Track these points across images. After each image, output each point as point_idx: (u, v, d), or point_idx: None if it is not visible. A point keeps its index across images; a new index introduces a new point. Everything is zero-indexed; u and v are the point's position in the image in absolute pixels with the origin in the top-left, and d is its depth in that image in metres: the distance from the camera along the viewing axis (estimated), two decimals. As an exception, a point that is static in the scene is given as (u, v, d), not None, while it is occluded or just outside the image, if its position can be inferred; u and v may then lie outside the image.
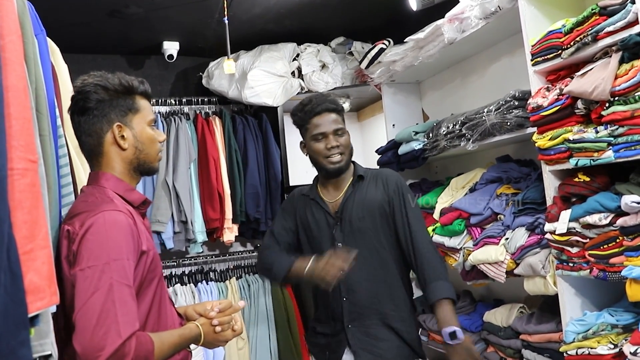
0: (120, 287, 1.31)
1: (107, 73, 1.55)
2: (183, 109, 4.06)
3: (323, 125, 2.20)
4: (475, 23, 2.68)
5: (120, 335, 1.26)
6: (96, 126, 1.50)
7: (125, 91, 1.54)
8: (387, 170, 2.36)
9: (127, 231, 1.39)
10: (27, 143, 1.08)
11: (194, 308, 1.71)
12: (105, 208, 1.39)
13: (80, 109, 1.50)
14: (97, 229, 1.34)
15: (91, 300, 1.28)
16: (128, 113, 1.53)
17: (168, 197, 3.66)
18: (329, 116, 2.21)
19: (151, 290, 1.48)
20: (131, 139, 1.53)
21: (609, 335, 2.03)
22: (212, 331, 1.55)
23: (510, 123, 2.48)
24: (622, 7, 1.88)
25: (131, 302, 1.33)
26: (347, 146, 2.23)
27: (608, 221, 1.95)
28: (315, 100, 2.23)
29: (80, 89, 1.50)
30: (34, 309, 1.02)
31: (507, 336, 2.58)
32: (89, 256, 1.32)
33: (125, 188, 1.53)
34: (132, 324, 1.30)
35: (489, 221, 2.66)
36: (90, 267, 1.30)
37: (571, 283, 2.25)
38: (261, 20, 3.66)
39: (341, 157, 2.21)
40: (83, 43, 3.80)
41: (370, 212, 2.20)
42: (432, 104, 3.73)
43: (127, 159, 1.53)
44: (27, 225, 1.04)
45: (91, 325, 1.25)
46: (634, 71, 1.84)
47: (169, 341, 1.42)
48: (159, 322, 1.49)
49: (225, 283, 3.92)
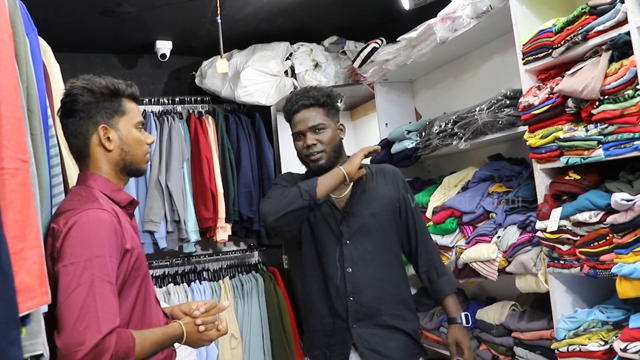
0: (102, 284, 1.33)
1: (95, 76, 1.58)
2: (176, 108, 4.06)
3: (300, 123, 2.12)
4: (467, 22, 2.69)
5: (100, 331, 1.28)
6: (82, 128, 1.53)
7: (111, 94, 1.56)
8: (390, 166, 2.29)
9: (110, 229, 1.41)
10: (18, 142, 1.08)
11: (179, 307, 1.72)
12: (89, 206, 1.42)
13: (68, 111, 1.54)
14: (80, 226, 1.37)
15: (72, 296, 1.30)
16: (114, 115, 1.56)
17: (161, 196, 3.66)
18: (306, 113, 2.11)
19: (135, 289, 1.49)
20: (117, 141, 1.56)
21: (599, 332, 2.05)
22: (195, 330, 1.56)
23: (501, 122, 2.49)
24: (611, 6, 1.90)
25: (112, 299, 1.35)
26: (328, 142, 2.10)
27: (598, 219, 1.97)
28: (295, 97, 2.15)
29: (68, 91, 1.54)
30: (25, 308, 1.02)
31: (499, 334, 2.59)
32: (71, 253, 1.34)
33: (112, 188, 1.56)
34: (112, 320, 1.32)
35: (481, 219, 2.68)
36: (72, 264, 1.33)
37: (562, 280, 2.26)
38: (254, 19, 3.66)
39: (320, 154, 2.09)
40: (75, 42, 3.79)
41: (382, 208, 2.14)
42: (425, 102, 3.74)
43: (113, 160, 1.56)
44: (18, 224, 1.04)
45: (72, 320, 1.27)
46: (623, 70, 1.85)
47: (151, 339, 1.44)
48: (142, 321, 1.51)
49: (218, 282, 3.92)
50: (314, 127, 2.10)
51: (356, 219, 2.12)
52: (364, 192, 2.16)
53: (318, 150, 2.09)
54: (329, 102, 2.14)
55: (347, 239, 2.11)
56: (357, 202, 2.14)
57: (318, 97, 2.12)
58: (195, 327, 1.57)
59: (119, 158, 1.57)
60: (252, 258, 4.33)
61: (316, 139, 2.09)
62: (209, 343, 1.63)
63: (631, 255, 1.84)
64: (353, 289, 2.08)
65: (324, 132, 2.10)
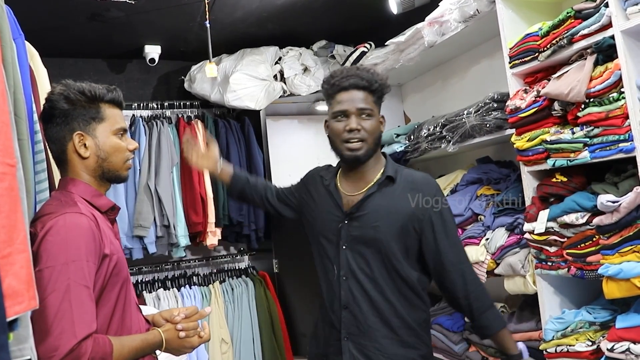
0: (78, 288, 1.31)
1: (75, 82, 1.55)
2: (165, 112, 4.04)
3: (346, 102, 1.85)
4: (454, 26, 2.71)
5: (75, 336, 1.26)
6: (59, 134, 1.51)
7: (88, 100, 1.53)
8: (424, 178, 1.94)
9: (87, 233, 1.39)
10: (5, 147, 1.07)
11: (160, 314, 1.69)
12: (66, 210, 1.40)
13: (47, 116, 1.52)
14: (56, 230, 1.35)
15: (47, 300, 1.27)
16: (91, 122, 1.53)
17: (150, 201, 3.64)
18: (356, 93, 1.85)
19: (114, 294, 1.47)
20: (93, 148, 1.53)
21: (587, 333, 2.07)
22: (176, 337, 1.53)
23: (489, 125, 2.51)
24: (596, 10, 1.92)
25: (89, 303, 1.33)
26: (371, 132, 1.85)
27: (585, 220, 1.99)
28: (346, 72, 1.89)
29: (49, 97, 1.52)
30: (13, 313, 1.01)
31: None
32: (47, 257, 1.32)
33: (92, 193, 1.54)
34: (88, 325, 1.30)
35: (470, 222, 2.69)
36: (47, 268, 1.30)
37: (550, 282, 2.28)
38: (243, 24, 3.67)
39: (361, 144, 1.85)
40: (64, 47, 3.78)
41: (391, 223, 1.83)
42: (414, 106, 3.76)
43: (89, 167, 1.54)
44: (5, 229, 1.03)
45: (47, 325, 1.25)
46: (607, 73, 1.88)
47: (130, 345, 1.41)
48: (122, 327, 1.48)
49: (208, 287, 3.90)
50: (362, 110, 1.85)
51: (357, 226, 1.87)
52: (377, 200, 1.87)
53: (360, 138, 1.85)
54: (380, 90, 1.89)
55: (344, 243, 1.88)
56: (366, 207, 1.87)
57: (372, 81, 1.87)
58: (176, 333, 1.54)
59: (95, 165, 1.54)
60: (242, 262, 4.31)
61: (361, 124, 1.84)
62: (191, 350, 1.59)
63: (617, 256, 1.86)
64: (347, 299, 1.86)
65: (370, 119, 1.86)
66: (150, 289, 3.79)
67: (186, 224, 3.77)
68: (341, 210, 1.91)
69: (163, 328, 1.54)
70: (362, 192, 1.90)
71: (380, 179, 1.89)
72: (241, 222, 3.89)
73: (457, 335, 2.84)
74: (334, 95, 1.89)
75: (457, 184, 2.93)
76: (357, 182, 1.93)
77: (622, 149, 1.84)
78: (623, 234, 1.85)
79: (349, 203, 1.91)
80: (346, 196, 1.93)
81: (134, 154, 1.65)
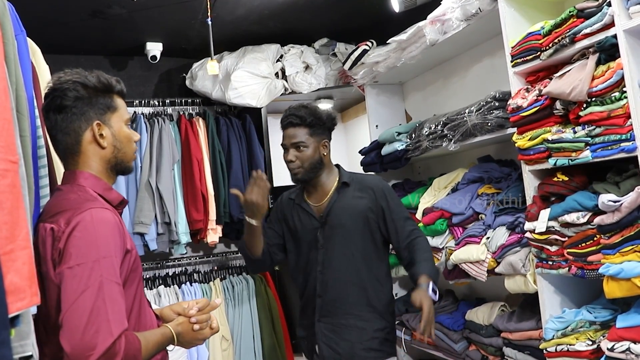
0: (110, 285, 1.31)
1: (84, 70, 1.52)
2: (166, 110, 4.05)
3: (285, 138, 2.33)
4: (456, 25, 2.71)
5: (112, 334, 1.25)
6: (74, 124, 1.47)
7: (104, 89, 1.51)
8: (372, 179, 2.42)
9: (114, 228, 1.38)
10: (7, 144, 1.08)
11: (170, 308, 1.70)
12: (91, 205, 1.38)
13: (57, 106, 1.47)
14: (84, 226, 1.33)
15: (81, 298, 1.26)
16: (107, 111, 1.51)
17: (151, 198, 3.65)
18: (291, 130, 2.30)
19: (133, 290, 1.47)
20: (110, 138, 1.51)
21: (587, 332, 2.07)
22: (190, 330, 1.53)
23: (490, 124, 2.51)
24: (598, 9, 1.92)
25: (120, 300, 1.33)
26: (305, 160, 2.29)
27: (586, 220, 1.99)
28: (287, 113, 2.33)
29: (57, 86, 1.47)
30: (15, 309, 1.01)
31: (488, 334, 2.61)
32: (77, 254, 1.30)
33: (103, 187, 1.51)
34: (122, 322, 1.30)
35: (471, 221, 2.69)
36: (79, 265, 1.29)
37: (550, 281, 2.28)
38: (245, 22, 3.66)
39: (298, 169, 2.30)
40: (65, 43, 3.78)
41: (352, 217, 2.29)
42: (415, 104, 3.76)
43: (105, 157, 1.52)
44: (8, 225, 1.03)
45: (82, 324, 1.24)
46: (610, 72, 1.87)
47: (153, 340, 1.42)
48: (139, 322, 1.48)
49: (209, 284, 3.91)
50: (295, 144, 2.29)
51: (330, 227, 2.30)
52: (339, 203, 2.32)
53: (296, 167, 2.30)
54: (315, 122, 2.30)
55: (321, 244, 2.31)
56: (332, 212, 2.31)
57: (305, 117, 2.29)
58: (189, 326, 1.54)
59: (111, 155, 1.52)
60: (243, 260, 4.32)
61: (295, 155, 2.29)
62: (202, 342, 1.61)
63: (618, 255, 1.86)
64: (321, 288, 2.29)
65: (303, 150, 2.29)
66: (151, 286, 3.80)
67: (187, 221, 3.78)
68: (315, 218, 2.34)
69: (176, 322, 1.54)
70: (326, 200, 2.34)
71: (338, 186, 2.35)
72: (242, 220, 3.89)
73: (458, 334, 2.84)
74: (282, 131, 2.35)
75: (458, 182, 2.92)
76: (319, 194, 2.38)
77: (624, 148, 1.84)
78: (624, 233, 1.85)
79: (319, 211, 2.35)
80: (315, 206, 2.37)
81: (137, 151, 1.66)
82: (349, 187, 2.35)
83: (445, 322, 2.93)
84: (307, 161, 2.29)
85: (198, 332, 1.55)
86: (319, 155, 2.32)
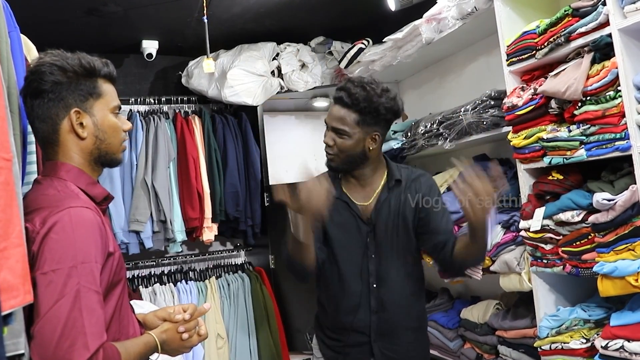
0: (88, 294, 1.19)
1: (66, 52, 1.40)
2: (162, 108, 4.04)
3: (328, 116, 1.98)
4: (452, 23, 2.71)
5: (87, 348, 1.15)
6: (51, 111, 1.34)
7: (86, 73, 1.37)
8: (419, 173, 2.10)
9: (95, 230, 1.25)
10: (1, 141, 1.07)
11: (154, 314, 1.58)
12: (70, 204, 1.25)
13: (34, 91, 1.34)
14: (62, 227, 1.21)
15: (55, 308, 1.15)
16: (89, 98, 1.37)
17: (147, 196, 3.64)
18: (337, 110, 1.95)
19: (115, 296, 1.35)
20: (91, 127, 1.37)
21: (581, 330, 2.08)
22: (176, 337, 1.43)
23: (486, 122, 2.51)
24: (593, 8, 1.92)
25: (99, 311, 1.21)
26: (343, 150, 1.95)
27: (580, 218, 1.99)
28: (343, 84, 1.96)
29: (35, 68, 1.35)
30: (8, 307, 1.01)
31: (483, 332, 2.62)
32: (52, 258, 1.18)
33: (87, 181, 1.38)
34: (100, 335, 1.19)
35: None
36: (54, 271, 1.17)
37: (545, 279, 2.29)
38: (241, 20, 3.66)
39: (333, 157, 1.98)
40: (60, 41, 3.69)
41: (406, 222, 2.00)
42: (411, 103, 3.76)
43: (86, 149, 1.38)
44: (1, 223, 1.03)
45: (55, 336, 1.14)
46: (604, 71, 1.88)
47: (135, 351, 1.31)
48: (120, 330, 1.37)
49: (204, 282, 3.91)
50: (335, 129, 1.95)
51: (381, 232, 1.99)
52: (391, 204, 2.01)
53: (332, 153, 1.98)
54: (368, 111, 1.92)
55: (372, 252, 2.00)
56: (383, 213, 2.00)
57: (359, 101, 1.90)
58: (175, 334, 1.43)
59: (93, 147, 1.38)
60: (239, 258, 4.32)
61: (334, 140, 1.96)
62: (189, 350, 1.48)
63: (612, 254, 1.87)
64: (377, 305, 1.99)
65: (344, 138, 1.94)
66: (146, 284, 3.79)
67: (183, 219, 3.77)
68: (363, 221, 2.00)
69: (161, 329, 1.44)
70: (374, 198, 2.02)
71: (390, 183, 2.03)
72: (238, 218, 3.89)
73: (453, 332, 2.85)
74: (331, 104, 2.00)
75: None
76: (364, 189, 2.04)
77: (618, 147, 1.85)
78: (618, 232, 1.86)
79: (366, 211, 2.02)
80: (360, 205, 2.02)
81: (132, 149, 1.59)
82: (401, 186, 2.02)
83: (441, 320, 2.94)
84: (346, 152, 1.95)
85: (186, 340, 1.44)
86: (363, 148, 1.96)
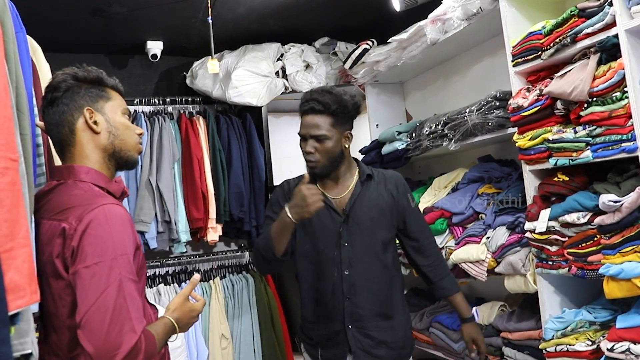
0: (129, 283, 1.29)
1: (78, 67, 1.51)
2: (167, 108, 4.05)
3: (304, 127, 2.08)
4: (457, 24, 2.71)
5: (135, 332, 1.25)
6: (66, 115, 1.44)
7: (95, 81, 1.49)
8: (393, 173, 2.26)
9: (128, 225, 1.36)
10: (7, 142, 1.08)
11: None
12: (103, 201, 1.34)
13: (50, 100, 1.45)
14: (99, 223, 1.29)
15: (102, 297, 1.24)
16: (99, 100, 1.48)
17: (152, 196, 3.65)
18: (311, 118, 2.06)
19: (141, 285, 1.44)
20: (104, 124, 1.47)
21: (587, 332, 2.07)
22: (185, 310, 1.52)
23: (491, 123, 2.50)
24: (600, 9, 1.92)
25: (138, 298, 1.32)
26: (326, 153, 2.06)
27: (586, 220, 1.98)
28: (308, 97, 2.08)
29: (51, 83, 1.47)
30: (14, 307, 1.01)
31: (488, 334, 2.61)
32: (93, 252, 1.27)
33: (105, 180, 1.47)
34: (141, 319, 1.29)
35: (471, 220, 2.69)
36: (97, 264, 1.26)
37: (550, 281, 2.28)
38: (245, 20, 3.66)
39: (316, 163, 2.07)
40: (66, 42, 3.77)
41: (381, 212, 2.13)
42: (415, 104, 3.76)
43: (100, 145, 1.47)
44: (8, 223, 1.03)
45: (105, 323, 1.22)
46: (611, 72, 1.87)
47: (161, 331, 1.41)
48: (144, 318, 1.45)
49: (209, 283, 3.91)
50: (314, 136, 2.05)
51: (355, 222, 2.11)
52: (364, 196, 2.13)
53: (315, 159, 2.06)
54: (340, 111, 2.05)
55: (345, 241, 2.10)
56: (357, 205, 2.12)
57: (330, 104, 2.03)
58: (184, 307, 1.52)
59: (107, 142, 1.47)
60: (243, 258, 4.32)
61: (315, 147, 2.05)
62: (198, 319, 1.60)
63: (618, 256, 1.86)
64: (349, 290, 2.09)
65: (325, 142, 2.05)
66: (151, 284, 3.80)
67: (187, 219, 3.78)
68: (337, 212, 2.12)
69: (169, 310, 1.52)
70: (348, 193, 2.15)
71: (362, 177, 2.16)
72: (242, 219, 3.90)
73: (457, 334, 2.84)
74: (301, 117, 2.11)
75: (459, 182, 2.92)
76: (338, 186, 2.17)
77: (625, 148, 1.84)
78: (624, 234, 1.85)
79: (340, 204, 2.14)
80: (334, 199, 2.14)
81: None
82: (372, 180, 2.17)
83: (445, 321, 2.93)
84: (327, 155, 2.06)
85: (192, 308, 1.54)
86: (341, 147, 2.09)
